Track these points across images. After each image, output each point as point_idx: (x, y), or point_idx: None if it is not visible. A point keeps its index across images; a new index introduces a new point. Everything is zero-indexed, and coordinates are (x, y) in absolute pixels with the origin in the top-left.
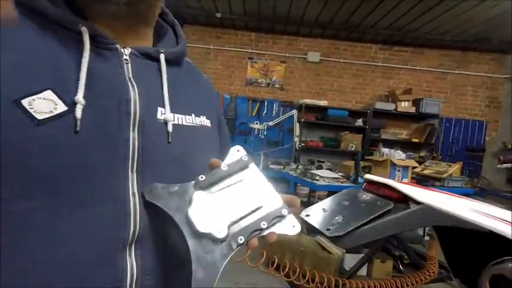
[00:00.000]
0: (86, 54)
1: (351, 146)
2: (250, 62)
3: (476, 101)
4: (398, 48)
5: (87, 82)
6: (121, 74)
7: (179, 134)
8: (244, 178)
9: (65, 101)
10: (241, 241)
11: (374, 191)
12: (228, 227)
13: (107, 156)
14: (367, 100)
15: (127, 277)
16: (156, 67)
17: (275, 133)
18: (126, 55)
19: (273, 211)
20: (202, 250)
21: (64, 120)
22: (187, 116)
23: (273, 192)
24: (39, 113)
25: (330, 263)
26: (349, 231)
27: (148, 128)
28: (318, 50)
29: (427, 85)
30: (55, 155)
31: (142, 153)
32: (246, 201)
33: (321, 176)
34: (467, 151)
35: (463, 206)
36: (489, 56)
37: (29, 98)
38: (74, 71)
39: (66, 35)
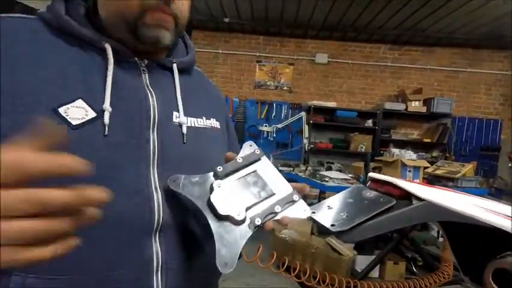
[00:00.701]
0: (110, 68)
1: (360, 147)
2: (259, 65)
3: (490, 99)
4: (408, 48)
5: (112, 91)
6: (140, 83)
7: (192, 135)
8: (257, 169)
9: (94, 108)
10: (258, 222)
11: (378, 189)
12: (246, 210)
13: (131, 155)
14: (377, 101)
15: (153, 260)
16: (170, 75)
17: (284, 135)
18: (144, 66)
19: (285, 197)
20: (224, 231)
21: (94, 125)
22: (198, 118)
23: (283, 181)
24: (73, 119)
25: (341, 264)
26: (352, 226)
27: (166, 130)
28: (326, 51)
29: (438, 84)
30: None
31: (161, 152)
32: (260, 189)
33: (330, 177)
34: (481, 150)
35: (465, 202)
36: (502, 53)
37: (64, 106)
38: (100, 82)
39: (92, 50)
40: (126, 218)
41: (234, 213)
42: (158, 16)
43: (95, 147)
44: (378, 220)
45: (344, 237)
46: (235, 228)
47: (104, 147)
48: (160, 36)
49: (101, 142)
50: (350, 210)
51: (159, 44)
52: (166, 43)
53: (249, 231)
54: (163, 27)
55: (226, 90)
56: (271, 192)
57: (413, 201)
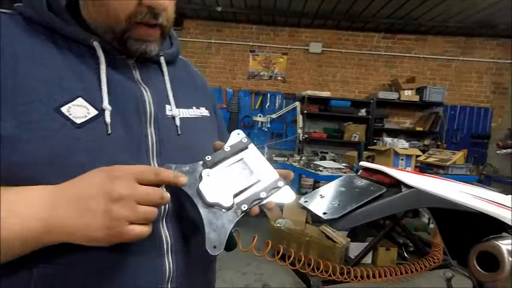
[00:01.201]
0: (103, 67)
1: (354, 136)
2: (252, 55)
3: (481, 88)
4: (401, 36)
5: (107, 88)
6: (132, 79)
7: (185, 126)
8: (244, 157)
9: (94, 106)
10: (245, 208)
11: (368, 177)
12: (233, 197)
13: (133, 150)
14: (370, 90)
15: (163, 243)
16: (157, 68)
17: (278, 125)
18: (133, 61)
19: (271, 183)
20: (212, 216)
21: (97, 123)
22: (189, 109)
23: (269, 167)
24: (77, 117)
25: (334, 251)
26: (344, 214)
27: (161, 124)
28: (320, 40)
29: (431, 73)
30: (95, 153)
31: (159, 145)
32: (247, 176)
33: (325, 167)
34: (472, 138)
35: (452, 189)
36: (494, 41)
37: (66, 105)
38: (94, 80)
39: (79, 48)
40: None
41: (222, 200)
42: (145, 32)
43: (99, 144)
44: (368, 207)
45: (336, 225)
46: (223, 213)
47: (107, 144)
48: (148, 49)
49: (104, 140)
50: (342, 199)
51: (145, 55)
52: (153, 54)
53: (236, 217)
54: (149, 41)
55: (220, 81)
56: (257, 179)
57: (402, 188)
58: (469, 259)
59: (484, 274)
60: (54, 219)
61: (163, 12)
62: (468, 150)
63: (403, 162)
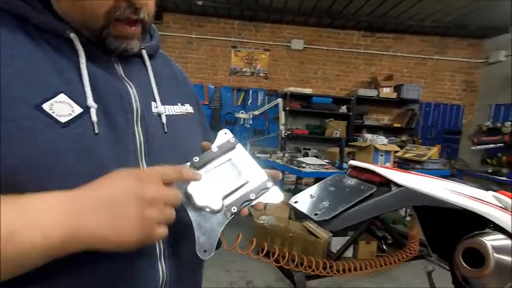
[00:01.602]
0: (83, 60)
1: (335, 132)
2: (234, 51)
3: (453, 86)
4: (380, 35)
5: (90, 84)
6: (115, 74)
7: (171, 124)
8: (232, 157)
9: (78, 102)
10: (235, 210)
11: (358, 176)
12: (222, 199)
13: (121, 150)
14: (351, 87)
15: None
16: (140, 62)
17: (261, 122)
18: (114, 55)
19: (260, 184)
20: (202, 219)
21: (82, 122)
22: (174, 106)
23: (258, 168)
24: (61, 116)
25: (317, 246)
26: (335, 215)
27: (148, 122)
28: (302, 37)
29: (407, 71)
30: (82, 154)
31: (147, 144)
32: (236, 177)
33: (307, 164)
34: (445, 134)
35: (439, 187)
36: (466, 41)
37: (48, 102)
38: (75, 74)
39: (55, 39)
40: None
41: (211, 203)
42: (125, 29)
43: (87, 145)
44: (358, 207)
45: (327, 226)
46: (213, 216)
47: (95, 145)
48: (129, 47)
49: (92, 140)
50: (332, 199)
51: (126, 54)
52: (135, 51)
53: (225, 219)
54: (130, 38)
55: (201, 77)
56: (245, 180)
57: (392, 187)
58: (455, 255)
59: (470, 270)
60: (81, 227)
61: (144, 7)
62: (441, 145)
63: (382, 158)
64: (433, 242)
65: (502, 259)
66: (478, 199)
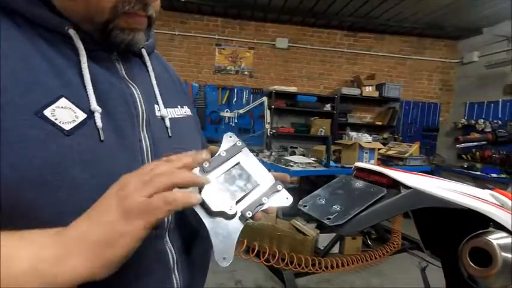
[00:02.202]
0: (84, 60)
1: (320, 130)
2: (218, 48)
3: (431, 85)
4: (362, 35)
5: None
6: (117, 74)
7: (174, 127)
8: (240, 161)
9: (80, 107)
10: (250, 215)
11: (365, 178)
12: (236, 204)
13: (128, 158)
14: (334, 85)
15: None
16: (140, 62)
17: (246, 121)
18: (115, 54)
19: (270, 187)
20: (217, 226)
21: (87, 128)
22: (175, 108)
23: (264, 170)
24: (64, 123)
25: (305, 244)
26: (349, 219)
27: (153, 126)
28: (286, 36)
29: (388, 70)
30: (89, 164)
31: (153, 150)
32: (246, 181)
33: (295, 162)
34: (423, 131)
35: (444, 187)
36: (442, 42)
37: (49, 108)
38: (75, 75)
39: (51, 36)
40: None
41: (226, 208)
42: (133, 20)
43: (94, 154)
44: (370, 211)
45: (341, 231)
46: (228, 222)
47: (102, 153)
48: (135, 39)
49: (98, 148)
50: (343, 202)
51: (132, 47)
52: (140, 45)
53: (241, 224)
54: (137, 30)
55: (185, 75)
56: (256, 183)
57: (401, 189)
58: (462, 255)
59: (477, 270)
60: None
61: (153, 3)
62: (420, 142)
63: (367, 156)
64: (426, 239)
65: (508, 257)
66: (479, 198)
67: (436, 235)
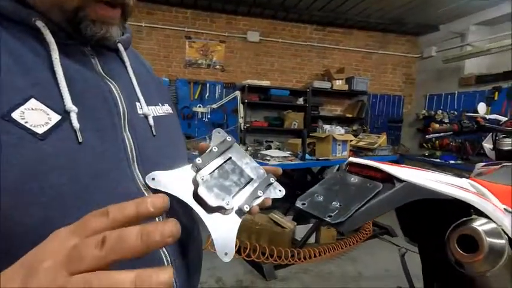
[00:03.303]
0: (55, 55)
1: (294, 124)
2: (188, 41)
3: (395, 78)
4: (331, 29)
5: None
6: (93, 70)
7: (157, 126)
8: (231, 155)
9: (53, 108)
10: (247, 209)
11: (358, 173)
12: (232, 198)
13: (112, 160)
14: (306, 79)
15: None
16: (116, 58)
17: (219, 115)
18: (89, 49)
19: (263, 180)
20: (216, 222)
21: (63, 131)
22: (156, 106)
23: (255, 164)
24: (36, 126)
25: (284, 236)
26: (350, 215)
27: (135, 125)
28: (257, 29)
29: (356, 64)
30: (69, 169)
31: (138, 150)
32: (239, 175)
33: (272, 156)
34: (389, 122)
35: (432, 179)
36: (404, 37)
37: (18, 110)
38: (45, 72)
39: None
40: None
41: (224, 203)
42: (104, 13)
43: (72, 158)
44: (368, 206)
45: (342, 227)
46: (226, 217)
47: (81, 156)
48: (108, 34)
49: (77, 151)
50: (341, 199)
51: (105, 42)
52: (114, 39)
53: (238, 219)
54: (110, 24)
55: (154, 69)
56: (249, 177)
57: (395, 183)
58: (449, 242)
59: (465, 256)
60: None
61: None
62: (387, 133)
63: (340, 148)
64: (405, 227)
65: (493, 242)
66: (462, 187)
67: (415, 223)
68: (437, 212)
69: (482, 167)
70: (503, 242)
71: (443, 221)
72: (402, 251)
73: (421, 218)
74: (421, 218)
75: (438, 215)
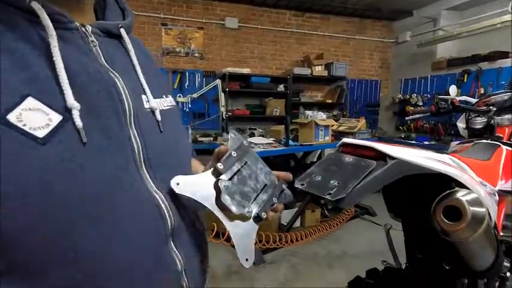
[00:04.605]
0: (54, 43)
1: (275, 111)
2: (165, 28)
3: (372, 63)
4: (309, 15)
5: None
6: (95, 61)
7: (164, 121)
8: (248, 161)
9: (52, 107)
10: (264, 216)
11: (351, 153)
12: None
13: (118, 161)
14: (286, 66)
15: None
16: (119, 45)
17: (200, 105)
18: (91, 36)
19: (277, 186)
20: (238, 228)
21: (65, 132)
22: (161, 99)
23: (269, 170)
24: (36, 129)
25: (270, 221)
26: (349, 192)
27: (142, 121)
28: (236, 15)
29: (334, 50)
30: (74, 175)
31: (145, 149)
32: (255, 181)
33: (256, 143)
34: (367, 107)
35: (420, 155)
36: (380, 23)
37: (14, 112)
38: (44, 64)
39: (11, 18)
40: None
41: (245, 210)
42: None
43: (77, 161)
44: (364, 183)
45: (341, 204)
46: (247, 223)
47: (86, 158)
48: None
49: (81, 154)
50: (338, 177)
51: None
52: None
53: (255, 226)
54: None
55: None
56: (263, 182)
57: (388, 160)
58: (435, 213)
59: (450, 224)
60: None
61: None
62: (365, 117)
63: (322, 133)
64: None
65: (475, 211)
66: (446, 162)
67: (400, 199)
68: (421, 187)
69: (457, 145)
70: (484, 210)
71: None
72: (387, 226)
73: (405, 193)
74: (406, 193)
75: (422, 189)
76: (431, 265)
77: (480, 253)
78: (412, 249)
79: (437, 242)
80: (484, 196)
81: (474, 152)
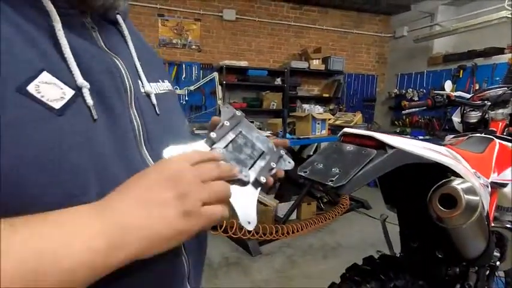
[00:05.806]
0: (58, 26)
1: (272, 104)
2: (161, 19)
3: (369, 58)
4: (307, 8)
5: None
6: (95, 44)
7: (160, 104)
8: (242, 130)
9: (65, 82)
10: (264, 180)
11: (351, 142)
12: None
13: (121, 139)
14: (283, 59)
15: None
16: (116, 30)
17: (197, 97)
18: (90, 21)
19: (275, 152)
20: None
21: (77, 107)
22: (157, 83)
23: (265, 138)
24: (52, 100)
25: (267, 213)
26: (350, 178)
27: (141, 103)
28: (233, 7)
29: (332, 44)
30: (86, 147)
31: (145, 129)
32: (251, 149)
33: None
34: (363, 101)
35: (419, 145)
36: (378, 17)
37: (32, 83)
38: (50, 44)
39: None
40: None
41: (242, 176)
42: None
43: (88, 136)
44: (365, 170)
45: (343, 190)
46: (244, 189)
47: (96, 134)
48: (116, 3)
49: (91, 129)
50: (340, 165)
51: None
52: (120, 9)
53: (255, 190)
54: None
55: None
56: (260, 150)
57: (387, 150)
58: (432, 201)
59: (446, 211)
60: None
61: None
62: (361, 111)
63: (319, 126)
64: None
65: (470, 199)
66: (442, 153)
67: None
68: (417, 177)
69: (452, 138)
70: (478, 198)
71: (423, 184)
72: (383, 216)
73: (402, 182)
74: (403, 183)
75: (418, 178)
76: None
77: (472, 240)
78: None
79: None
80: (478, 186)
81: (469, 145)
